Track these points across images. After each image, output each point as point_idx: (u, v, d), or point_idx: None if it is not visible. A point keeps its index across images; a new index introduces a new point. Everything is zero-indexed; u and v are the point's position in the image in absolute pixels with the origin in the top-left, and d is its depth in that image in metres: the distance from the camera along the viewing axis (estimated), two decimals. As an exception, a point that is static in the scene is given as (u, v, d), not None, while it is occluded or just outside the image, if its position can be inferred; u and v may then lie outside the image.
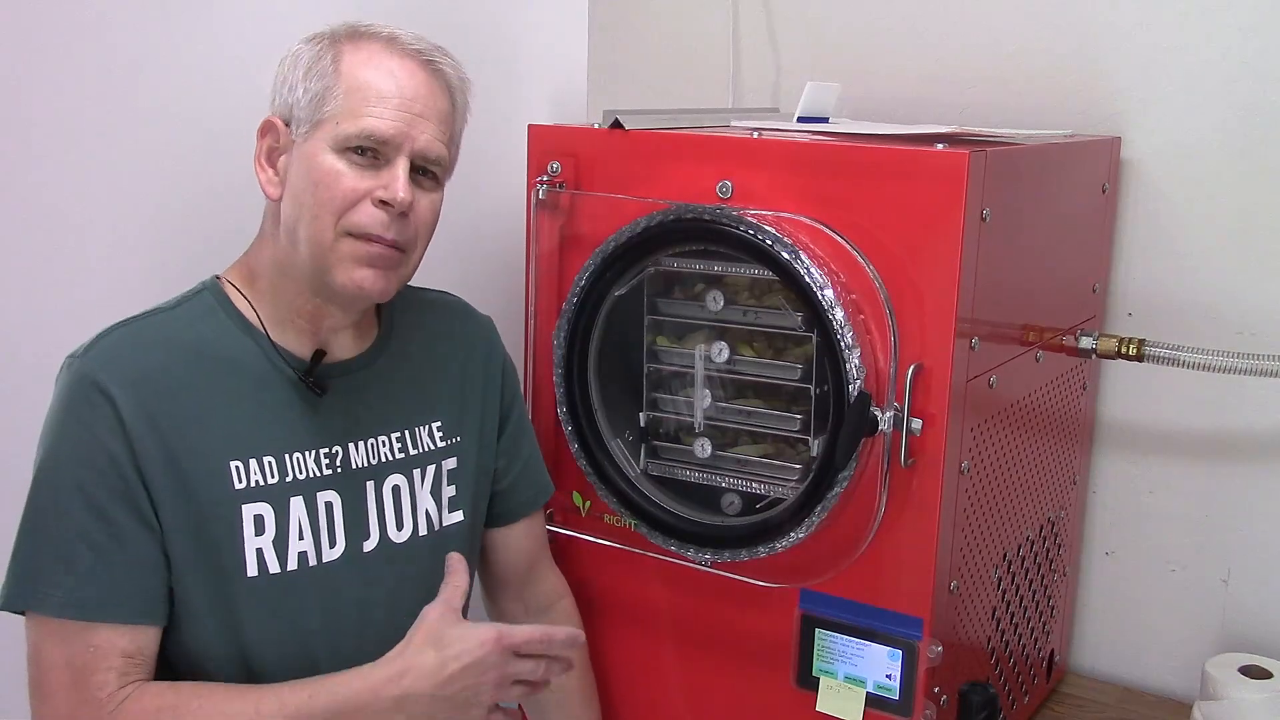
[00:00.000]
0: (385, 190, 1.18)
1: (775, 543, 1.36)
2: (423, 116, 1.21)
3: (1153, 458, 1.73)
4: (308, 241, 1.19)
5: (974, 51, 1.76)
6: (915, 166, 1.26)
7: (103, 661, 1.13)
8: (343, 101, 1.18)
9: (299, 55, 1.22)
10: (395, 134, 1.19)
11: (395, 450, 1.32)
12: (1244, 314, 1.64)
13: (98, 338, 1.18)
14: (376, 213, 1.19)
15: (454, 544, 1.36)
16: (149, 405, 1.15)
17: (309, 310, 1.24)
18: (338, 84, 1.19)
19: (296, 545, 1.23)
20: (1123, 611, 1.79)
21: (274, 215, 1.23)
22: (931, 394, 1.27)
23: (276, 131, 1.22)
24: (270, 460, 1.22)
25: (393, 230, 1.20)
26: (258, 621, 1.21)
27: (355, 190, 1.18)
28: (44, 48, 1.30)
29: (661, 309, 1.46)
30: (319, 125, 1.19)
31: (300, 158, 1.20)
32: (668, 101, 1.98)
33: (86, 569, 1.13)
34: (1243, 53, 1.60)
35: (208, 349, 1.21)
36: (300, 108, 1.20)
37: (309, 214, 1.19)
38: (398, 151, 1.20)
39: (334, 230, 1.18)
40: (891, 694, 1.35)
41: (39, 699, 1.14)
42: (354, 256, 1.19)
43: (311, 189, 1.18)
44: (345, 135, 1.18)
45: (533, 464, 1.49)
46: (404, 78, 1.21)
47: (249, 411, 1.22)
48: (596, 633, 1.56)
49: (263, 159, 1.23)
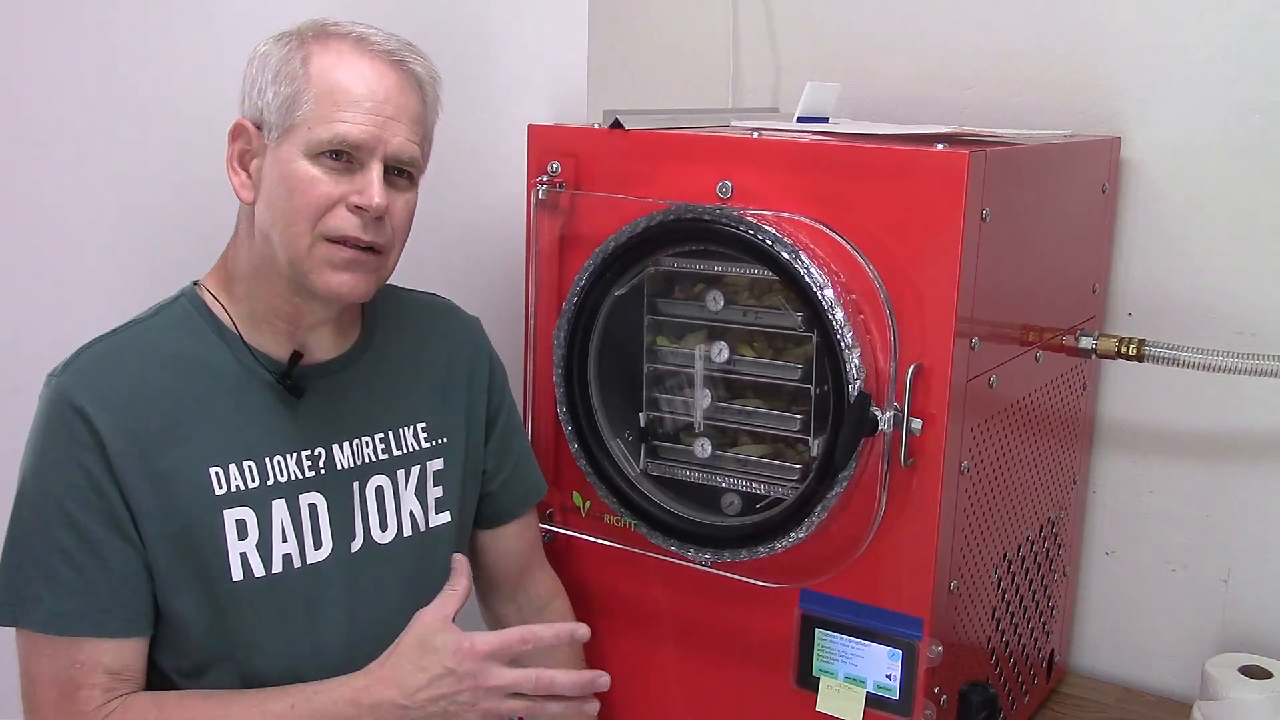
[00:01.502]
0: (360, 196, 1.18)
1: (775, 543, 1.36)
2: (394, 119, 1.20)
3: (1153, 458, 1.73)
4: (284, 247, 1.19)
5: (974, 51, 1.76)
6: (915, 166, 1.26)
7: (88, 677, 1.15)
8: (314, 106, 1.17)
9: (267, 56, 1.20)
10: (368, 139, 1.18)
11: (379, 451, 1.32)
12: (1244, 314, 1.63)
13: (75, 355, 1.19)
14: (351, 217, 1.19)
15: (441, 545, 1.37)
16: (126, 420, 1.16)
17: (288, 310, 1.24)
18: (308, 88, 1.17)
19: (280, 548, 1.23)
20: (1123, 611, 1.79)
21: (249, 218, 1.23)
22: (931, 394, 1.27)
23: (248, 134, 1.21)
24: (250, 464, 1.22)
25: (369, 233, 1.20)
26: (246, 625, 1.21)
27: (329, 196, 1.18)
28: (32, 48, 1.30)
29: (661, 309, 1.46)
30: (291, 130, 1.18)
31: (273, 163, 1.19)
32: (668, 101, 1.98)
33: (67, 585, 1.14)
34: (1243, 53, 1.60)
35: (185, 357, 1.22)
36: (271, 112, 1.19)
37: (284, 220, 1.18)
38: (371, 155, 1.19)
39: (310, 236, 1.18)
40: (891, 694, 1.35)
41: (30, 711, 1.17)
42: (330, 261, 1.19)
43: (286, 195, 1.18)
44: (318, 141, 1.17)
45: (524, 464, 1.49)
46: (374, 80, 1.20)
47: (227, 417, 1.22)
48: (596, 633, 1.55)
49: (235, 162, 1.22)
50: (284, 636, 1.23)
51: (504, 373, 1.47)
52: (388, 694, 1.18)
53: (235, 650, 1.21)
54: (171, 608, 1.19)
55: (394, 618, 1.25)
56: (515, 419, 1.49)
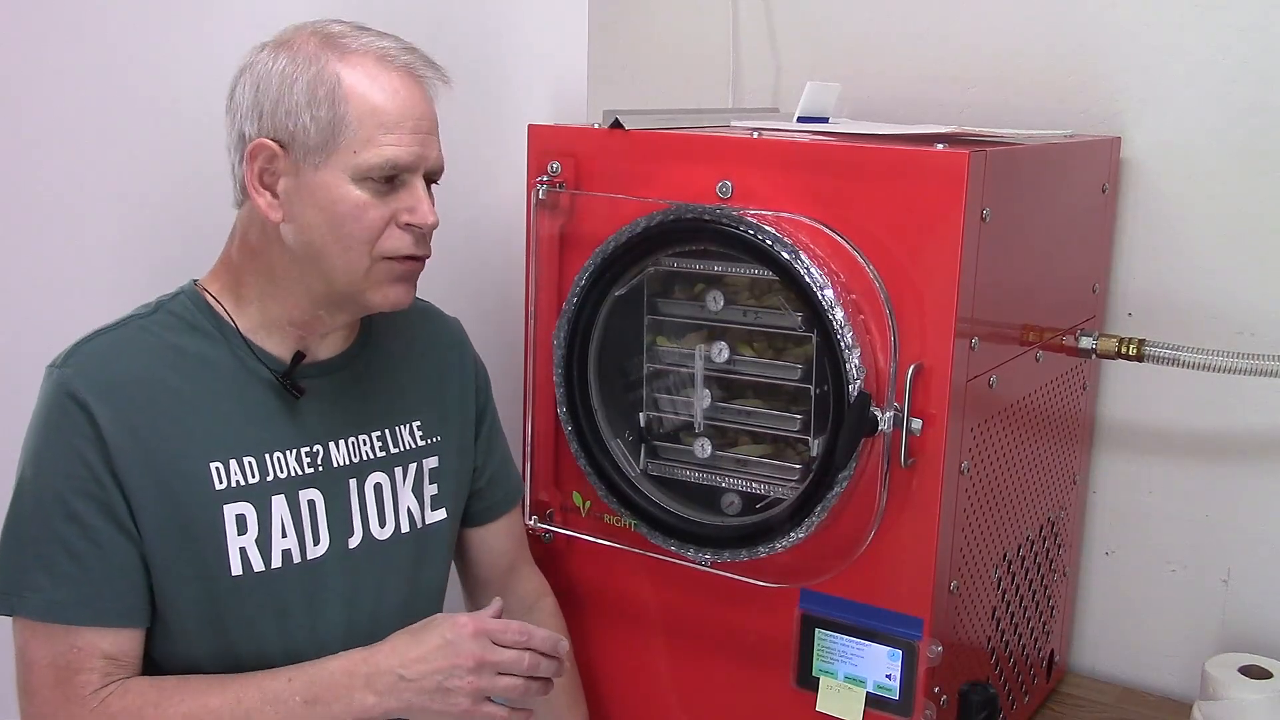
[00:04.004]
0: (411, 214, 1.21)
1: (775, 543, 1.36)
2: (430, 134, 1.23)
3: (1153, 458, 1.73)
4: (342, 270, 1.21)
5: (974, 51, 1.76)
6: (915, 166, 1.26)
7: (86, 662, 1.15)
8: (357, 130, 1.17)
9: (287, 76, 1.18)
10: (414, 160, 1.21)
11: (376, 449, 1.33)
12: (1244, 314, 1.63)
13: (75, 346, 1.19)
14: (406, 235, 1.22)
15: (437, 541, 1.38)
16: (126, 412, 1.16)
17: (305, 319, 1.25)
18: (348, 111, 1.17)
19: (280, 543, 1.24)
20: (1123, 611, 1.79)
21: (265, 231, 1.22)
22: (931, 394, 1.27)
23: (269, 153, 1.19)
24: (250, 460, 1.23)
25: (422, 247, 1.24)
26: (245, 619, 1.22)
27: (382, 218, 1.20)
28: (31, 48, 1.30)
29: (661, 309, 1.46)
30: (333, 154, 1.18)
31: (316, 188, 1.19)
32: (668, 101, 1.98)
33: (64, 574, 1.15)
34: (1243, 53, 1.60)
35: (186, 352, 1.22)
36: (309, 135, 1.17)
37: (339, 246, 1.20)
38: (414, 173, 1.21)
39: (369, 259, 1.21)
40: (891, 694, 1.35)
41: (26, 698, 1.17)
42: (390, 276, 1.23)
43: (339, 222, 1.19)
44: (367, 166, 1.18)
45: (507, 463, 1.51)
46: (406, 96, 1.21)
47: (228, 413, 1.22)
48: (595, 632, 1.56)
49: (257, 183, 1.20)
50: (282, 631, 1.24)
51: (486, 371, 1.49)
52: (385, 663, 1.19)
53: (233, 645, 1.22)
54: (170, 601, 1.19)
55: (392, 613, 1.27)
56: (497, 418, 1.51)
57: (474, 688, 1.20)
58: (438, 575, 1.39)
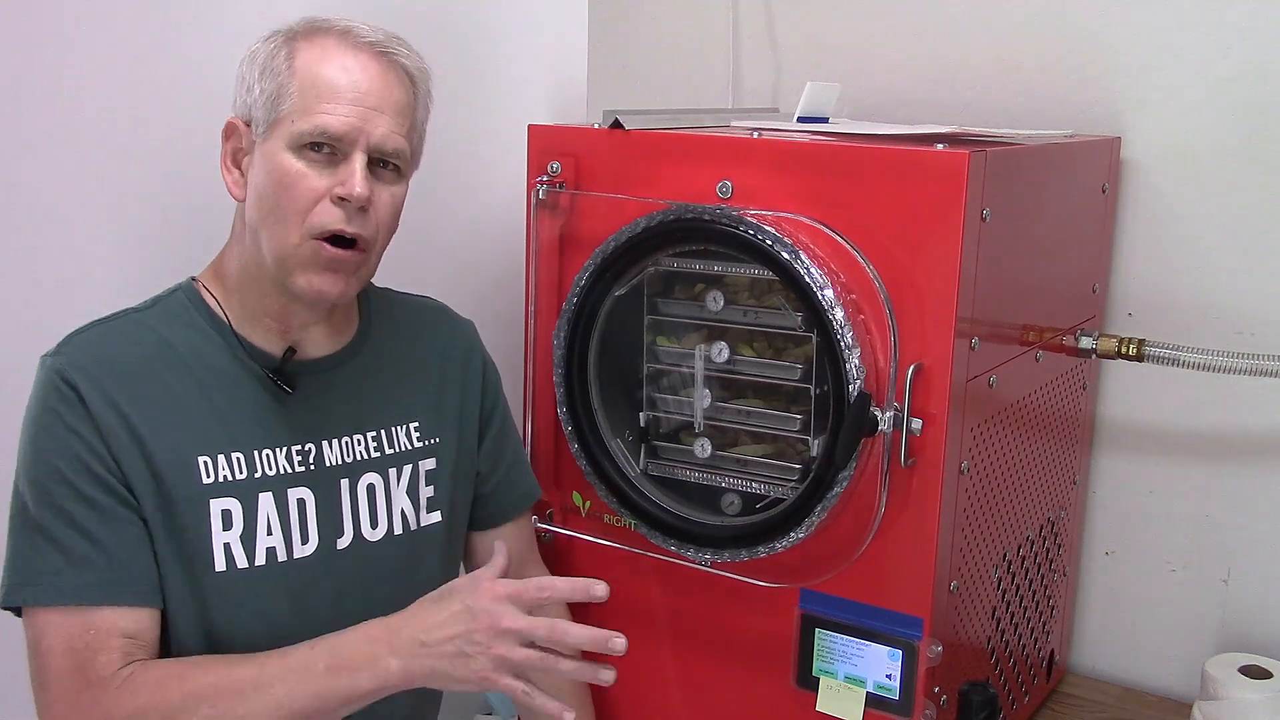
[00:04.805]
0: (342, 186, 1.18)
1: (775, 543, 1.36)
2: (377, 110, 1.20)
3: (1153, 458, 1.73)
4: (271, 243, 1.20)
5: (974, 51, 1.76)
6: (915, 166, 1.26)
7: (104, 643, 1.14)
8: (297, 100, 1.18)
9: (255, 54, 1.22)
10: (349, 129, 1.18)
11: (370, 449, 1.33)
12: (1244, 314, 1.63)
13: (68, 337, 1.20)
14: (336, 210, 1.19)
15: (431, 544, 1.37)
16: (114, 396, 1.17)
17: (276, 309, 1.25)
18: (292, 81, 1.18)
19: (265, 541, 1.23)
20: (1123, 611, 1.79)
21: (241, 215, 1.24)
22: (931, 394, 1.27)
23: (239, 133, 1.22)
24: (239, 456, 1.22)
25: (353, 224, 1.20)
26: (226, 615, 1.21)
27: (315, 190, 1.18)
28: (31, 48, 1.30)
29: (661, 309, 1.46)
30: (275, 125, 1.19)
31: (260, 158, 1.20)
32: (668, 101, 1.98)
33: (81, 554, 1.14)
34: (1243, 53, 1.60)
35: (178, 346, 1.22)
36: (258, 108, 1.20)
37: (273, 217, 1.19)
38: (353, 146, 1.19)
39: (299, 233, 1.19)
40: (891, 694, 1.35)
41: (42, 690, 1.15)
42: (315, 261, 1.20)
43: (274, 191, 1.19)
44: (300, 133, 1.18)
45: (518, 468, 1.49)
46: (357, 71, 1.20)
47: (218, 408, 1.22)
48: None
49: (228, 161, 1.23)
50: (268, 630, 1.23)
51: (498, 376, 1.48)
52: (406, 630, 1.17)
53: (218, 642, 1.21)
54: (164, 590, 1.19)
55: (383, 614, 1.25)
56: (509, 422, 1.49)
57: (494, 655, 1.15)
58: (432, 578, 1.36)
